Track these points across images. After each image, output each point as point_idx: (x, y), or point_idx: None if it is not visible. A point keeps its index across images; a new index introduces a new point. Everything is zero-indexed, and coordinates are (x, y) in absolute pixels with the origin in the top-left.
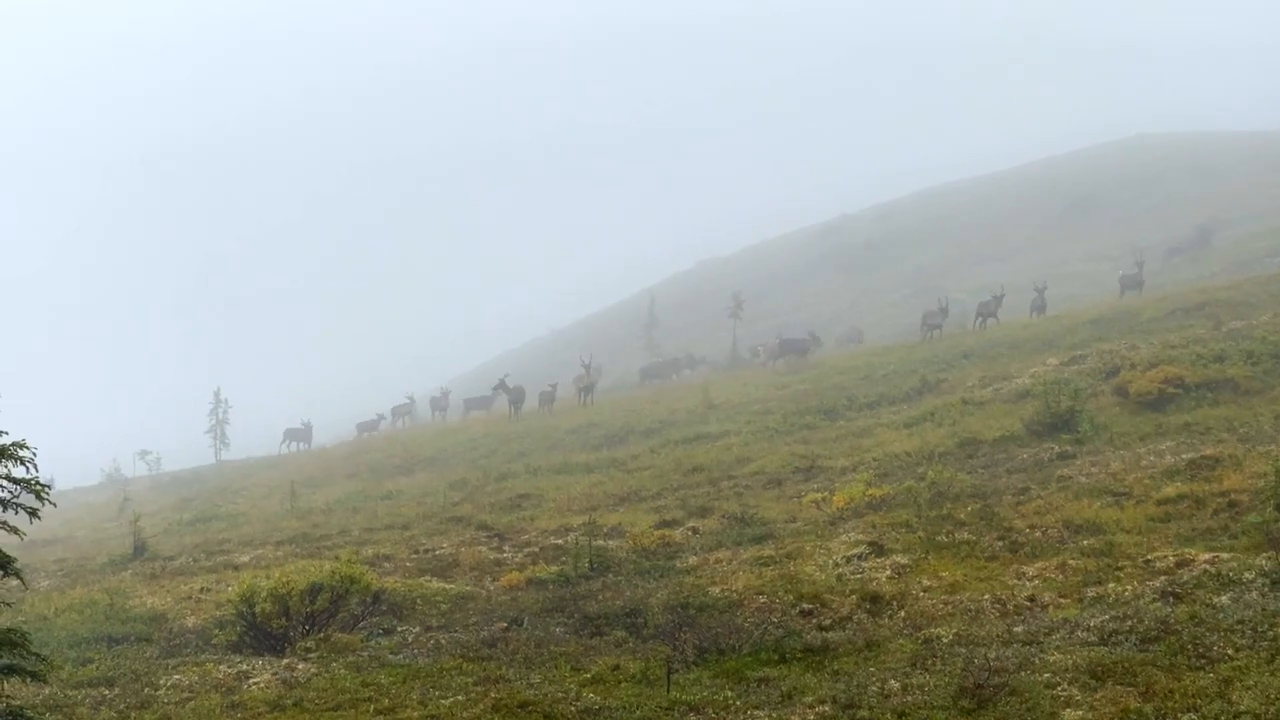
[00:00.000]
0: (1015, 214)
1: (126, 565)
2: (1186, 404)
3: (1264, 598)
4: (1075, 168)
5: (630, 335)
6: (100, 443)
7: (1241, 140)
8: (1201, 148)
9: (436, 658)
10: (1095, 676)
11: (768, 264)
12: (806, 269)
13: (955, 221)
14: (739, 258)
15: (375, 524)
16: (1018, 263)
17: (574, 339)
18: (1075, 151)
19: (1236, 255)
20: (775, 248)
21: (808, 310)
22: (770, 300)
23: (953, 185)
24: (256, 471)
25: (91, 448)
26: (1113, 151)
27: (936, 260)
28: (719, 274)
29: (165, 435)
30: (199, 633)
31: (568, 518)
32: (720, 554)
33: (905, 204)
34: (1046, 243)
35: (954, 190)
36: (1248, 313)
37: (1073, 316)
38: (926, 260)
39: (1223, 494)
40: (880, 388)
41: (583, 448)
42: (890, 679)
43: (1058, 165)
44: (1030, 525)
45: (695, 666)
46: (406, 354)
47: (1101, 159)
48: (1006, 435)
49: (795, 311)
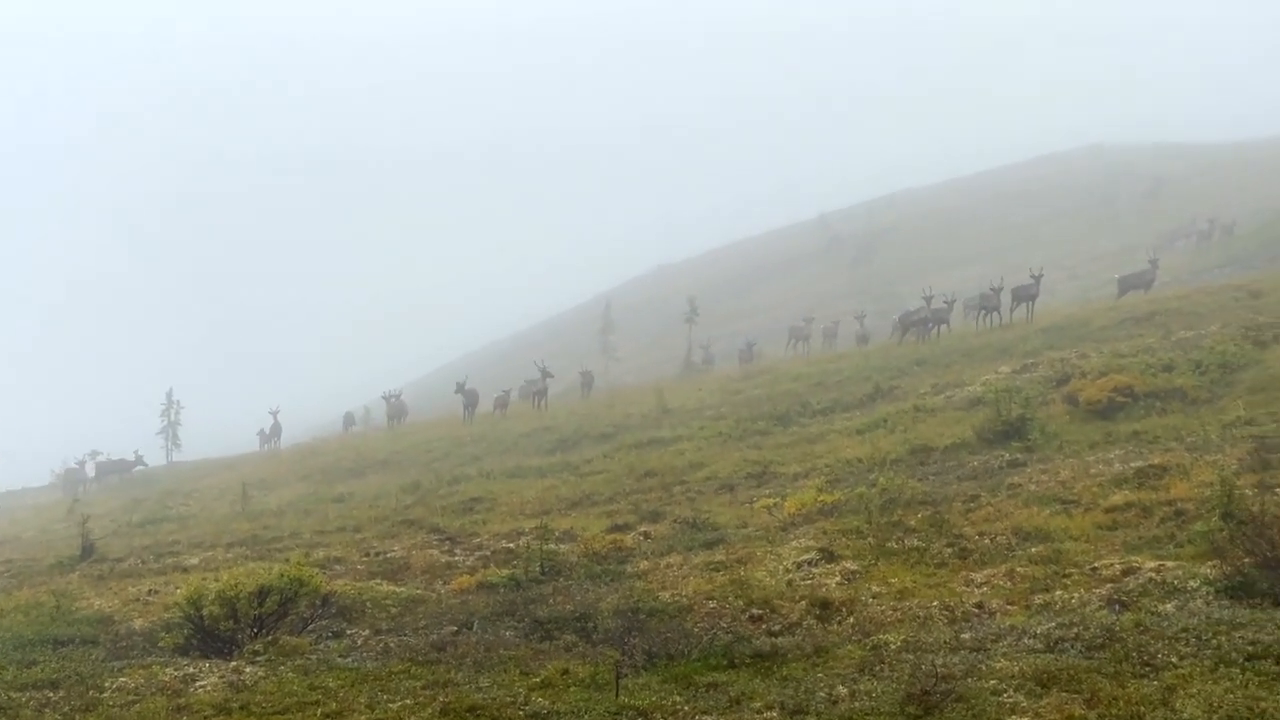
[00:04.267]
0: (973, 221)
1: (74, 567)
2: (1135, 413)
3: (1208, 606)
4: (1029, 176)
5: (587, 340)
6: (53, 443)
7: (1197, 151)
8: (1155, 158)
9: (385, 661)
10: (1041, 684)
11: (725, 268)
12: (762, 273)
13: (914, 227)
14: (696, 262)
15: (327, 526)
16: (978, 268)
17: (531, 343)
18: (1034, 159)
19: (1188, 265)
20: (731, 253)
21: (764, 315)
22: (729, 304)
23: (916, 191)
24: (208, 473)
25: (45, 448)
26: (1073, 158)
27: (896, 265)
28: (676, 278)
29: (121, 436)
30: (146, 635)
31: (520, 521)
32: (671, 559)
33: (858, 211)
34: (1003, 250)
35: (916, 197)
36: (1197, 323)
37: (1025, 324)
38: (885, 265)
39: (1169, 503)
40: (833, 394)
41: (536, 452)
42: (838, 685)
43: (1013, 173)
44: (980, 532)
45: (644, 671)
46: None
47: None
48: (958, 442)
49: (753, 315)
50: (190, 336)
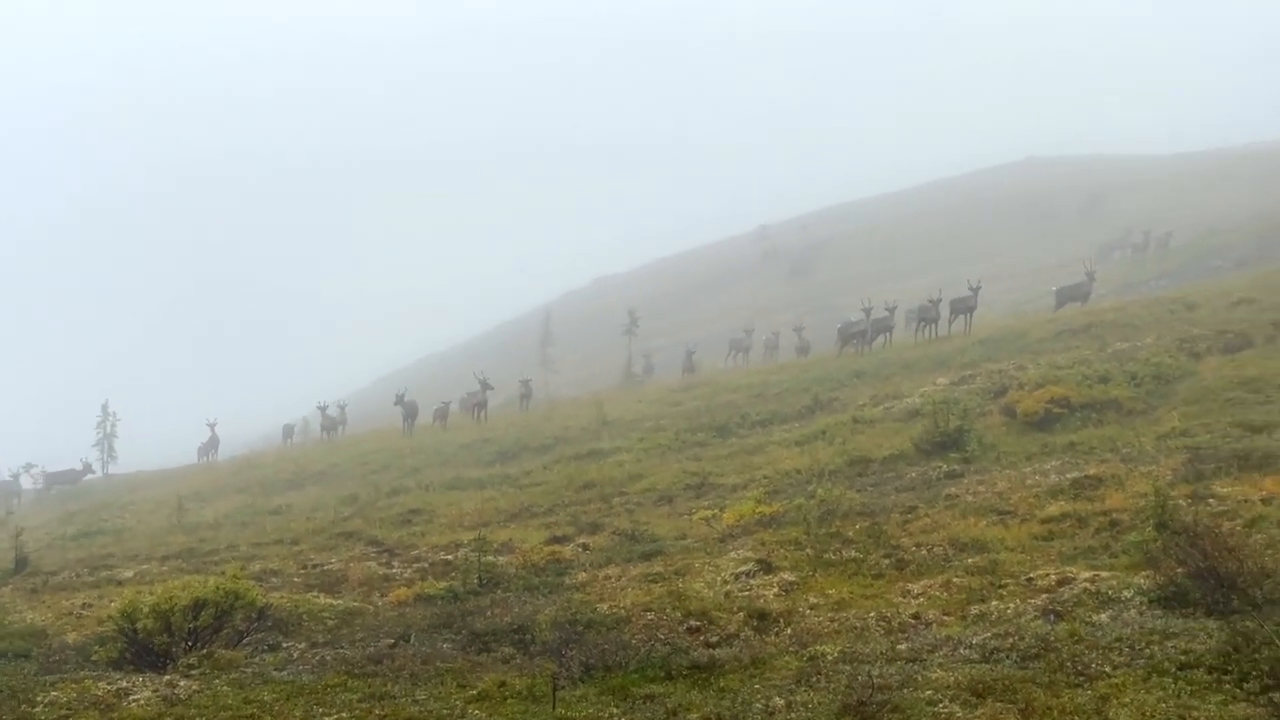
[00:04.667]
0: (911, 234)
1: (7, 580)
2: (1072, 424)
3: (1142, 616)
4: (967, 189)
5: (527, 352)
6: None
7: (1134, 164)
8: (1092, 170)
9: (321, 674)
10: (976, 694)
11: (664, 281)
12: (702, 285)
13: (853, 239)
14: (635, 275)
15: (264, 539)
16: (916, 281)
17: (470, 356)
18: (973, 173)
19: (1124, 278)
20: (671, 265)
21: (704, 327)
22: (669, 316)
23: (856, 204)
24: (145, 485)
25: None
26: (1011, 172)
27: (836, 277)
28: (615, 290)
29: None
30: (80, 649)
31: (458, 533)
32: (610, 570)
33: (798, 224)
34: (941, 263)
35: (855, 210)
36: (1132, 334)
37: (963, 336)
38: (824, 278)
39: (1105, 513)
40: (772, 405)
41: (475, 463)
42: (775, 696)
43: (952, 186)
44: (917, 543)
45: (582, 683)
46: (304, 372)
47: (997, 179)
48: (896, 454)
49: (692, 327)
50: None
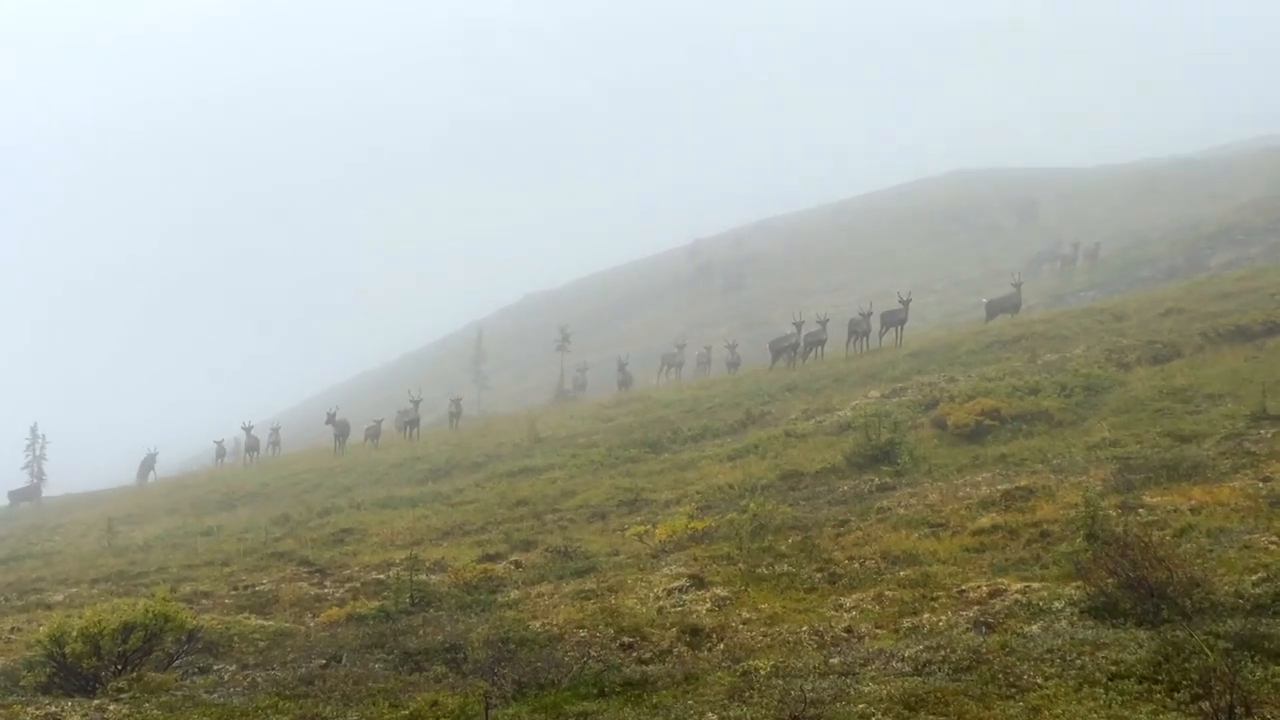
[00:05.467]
0: (843, 248)
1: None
2: (1003, 435)
3: (1073, 626)
4: (898, 201)
5: (459, 369)
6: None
7: (1064, 176)
8: (1021, 183)
9: (252, 696)
10: (909, 707)
11: (596, 296)
12: (634, 301)
13: (785, 253)
14: (567, 290)
15: (195, 560)
16: (848, 294)
17: (403, 373)
18: (904, 185)
19: (1054, 289)
20: (602, 280)
21: (637, 342)
22: (601, 332)
23: (787, 218)
24: (75, 508)
25: None
26: (942, 184)
27: (768, 291)
28: (547, 306)
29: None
30: (7, 674)
31: (391, 553)
32: (543, 588)
33: (729, 238)
34: (873, 276)
35: (787, 224)
36: (1062, 345)
37: (894, 349)
38: (757, 291)
39: (1035, 524)
40: (705, 420)
41: (408, 482)
42: (708, 712)
43: (883, 198)
44: (849, 556)
45: (514, 701)
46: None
47: (928, 191)
48: (828, 467)
49: (626, 344)
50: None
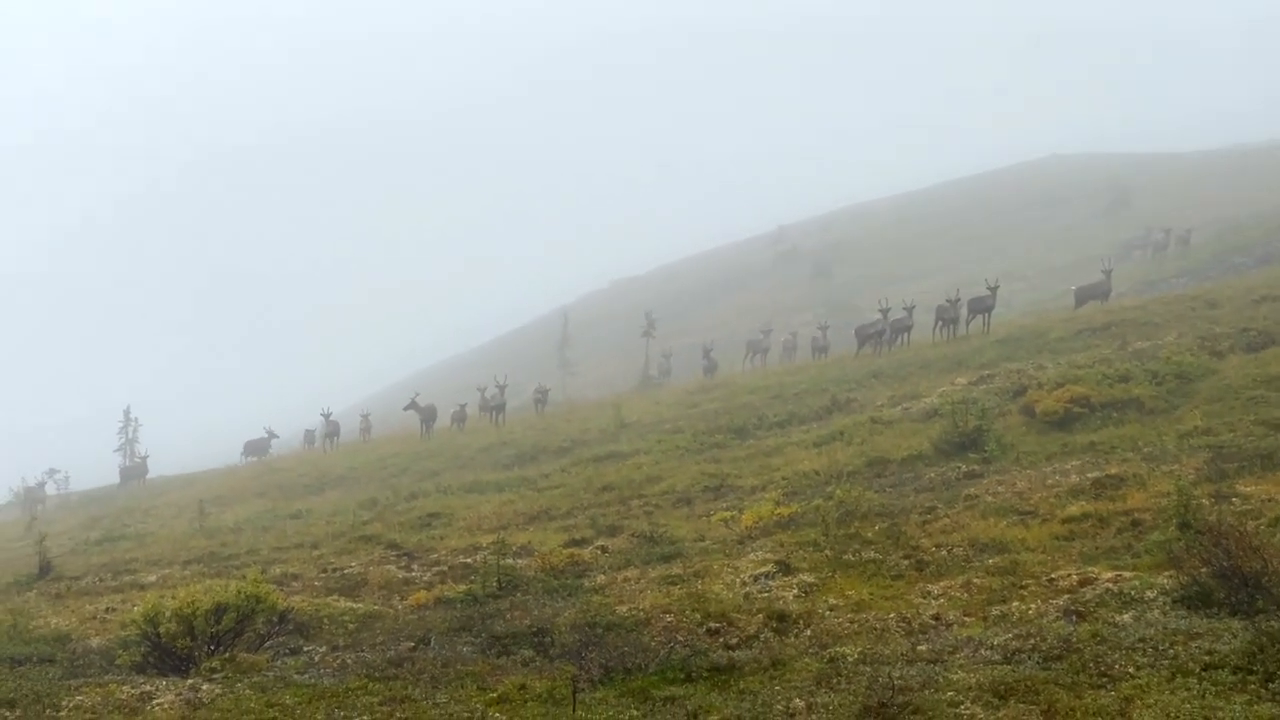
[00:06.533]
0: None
1: (31, 585)
2: (1092, 423)
3: (1165, 616)
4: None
5: (545, 354)
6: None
7: (1156, 162)
8: (1114, 168)
9: (342, 678)
10: (998, 695)
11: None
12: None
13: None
14: (653, 275)
15: (284, 543)
16: (936, 280)
17: (486, 358)
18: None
19: (1145, 275)
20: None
21: (722, 328)
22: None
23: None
24: (166, 490)
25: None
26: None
27: (855, 277)
28: (633, 292)
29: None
30: (103, 653)
31: (477, 537)
32: (629, 573)
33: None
34: (960, 263)
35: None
36: (1153, 333)
37: (981, 336)
38: (844, 278)
39: (1126, 513)
40: (790, 406)
41: (493, 466)
42: (795, 698)
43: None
44: (936, 544)
45: (601, 686)
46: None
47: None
48: (914, 454)
49: (711, 331)
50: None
